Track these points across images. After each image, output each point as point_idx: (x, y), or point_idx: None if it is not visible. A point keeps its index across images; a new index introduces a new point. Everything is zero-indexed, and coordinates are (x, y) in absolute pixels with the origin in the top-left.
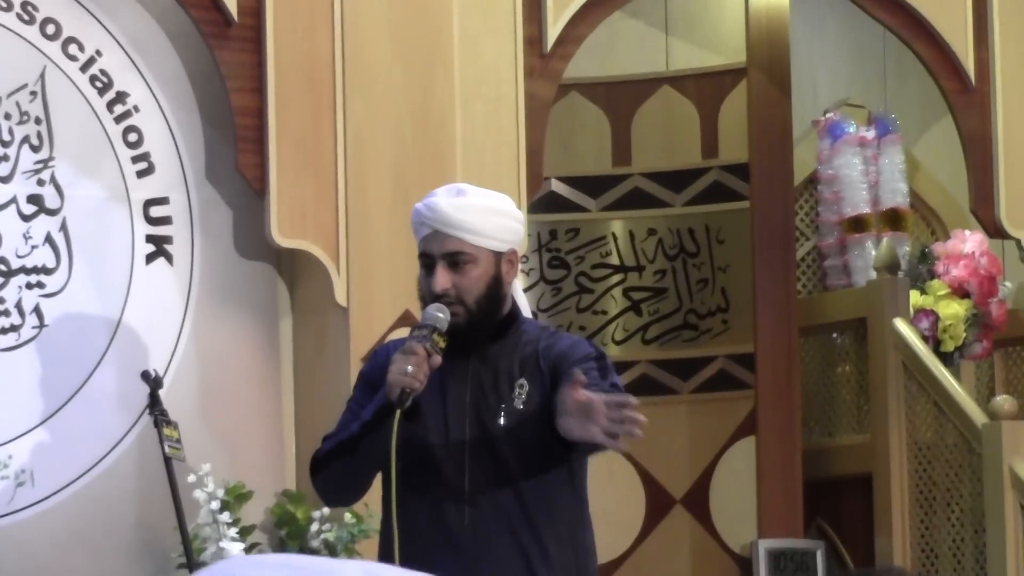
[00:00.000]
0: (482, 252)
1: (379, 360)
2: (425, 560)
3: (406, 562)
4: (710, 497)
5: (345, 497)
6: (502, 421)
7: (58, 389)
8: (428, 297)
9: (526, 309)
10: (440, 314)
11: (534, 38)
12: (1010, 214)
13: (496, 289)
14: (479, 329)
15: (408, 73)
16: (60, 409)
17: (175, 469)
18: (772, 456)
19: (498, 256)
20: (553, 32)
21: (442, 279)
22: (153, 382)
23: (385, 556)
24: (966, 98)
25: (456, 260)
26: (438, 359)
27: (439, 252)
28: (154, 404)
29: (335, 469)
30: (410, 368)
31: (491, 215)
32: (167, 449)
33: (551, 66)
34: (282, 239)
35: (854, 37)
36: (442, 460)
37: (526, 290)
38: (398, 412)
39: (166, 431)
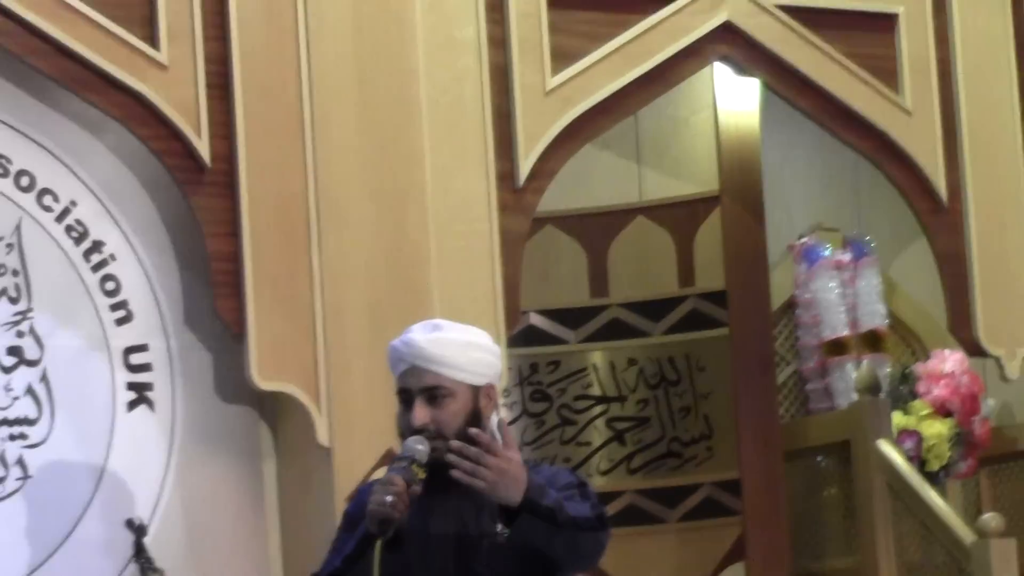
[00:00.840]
0: (460, 386)
1: (362, 499)
2: None
3: None
4: None
5: None
6: (485, 557)
7: (43, 540)
8: (407, 432)
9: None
10: (419, 446)
11: (506, 173)
12: (988, 332)
13: (475, 423)
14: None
15: (381, 210)
16: (46, 560)
17: None
18: None
19: (476, 390)
20: (525, 166)
21: (421, 413)
22: (137, 530)
23: None
24: (939, 218)
25: (434, 394)
26: (417, 489)
27: (417, 387)
28: (139, 552)
29: None
30: (389, 498)
31: (468, 349)
32: None
33: (524, 200)
34: (262, 382)
35: (825, 160)
36: None
37: (510, 423)
38: (379, 542)
39: None
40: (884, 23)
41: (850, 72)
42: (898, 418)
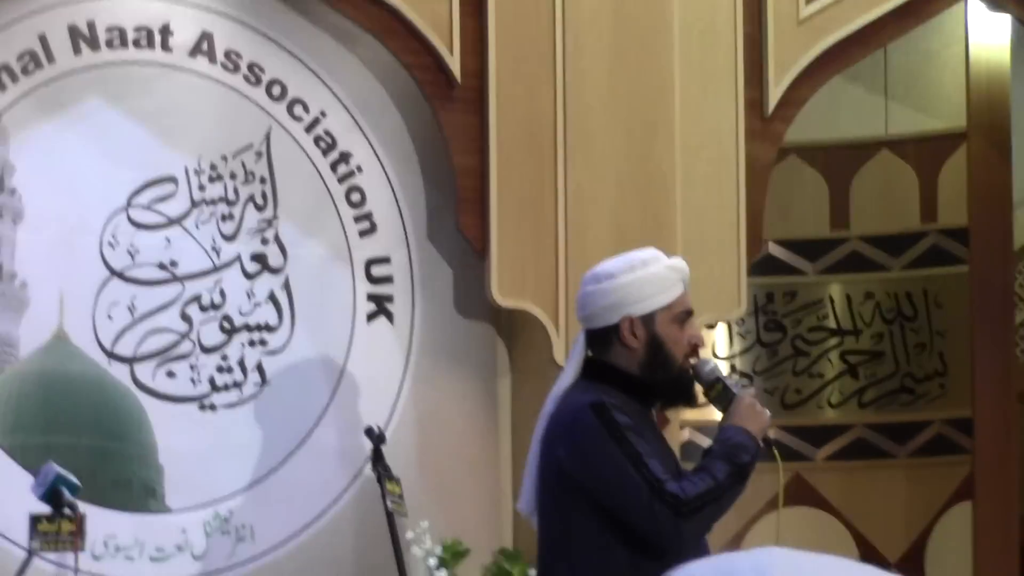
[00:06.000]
0: None
1: (627, 413)
2: None
3: None
4: (925, 561)
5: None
6: None
7: (279, 445)
8: (689, 349)
9: None
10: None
11: (755, 101)
12: None
13: None
14: None
15: (629, 135)
16: (281, 465)
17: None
18: (989, 522)
19: None
20: (775, 95)
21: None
22: (377, 438)
23: None
24: None
25: None
26: None
27: (691, 308)
28: (377, 459)
29: (713, 509)
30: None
31: None
32: (390, 504)
33: (772, 128)
34: (502, 299)
35: None
36: None
37: (743, 352)
38: (777, 454)
39: (389, 486)
40: None
41: None
42: None
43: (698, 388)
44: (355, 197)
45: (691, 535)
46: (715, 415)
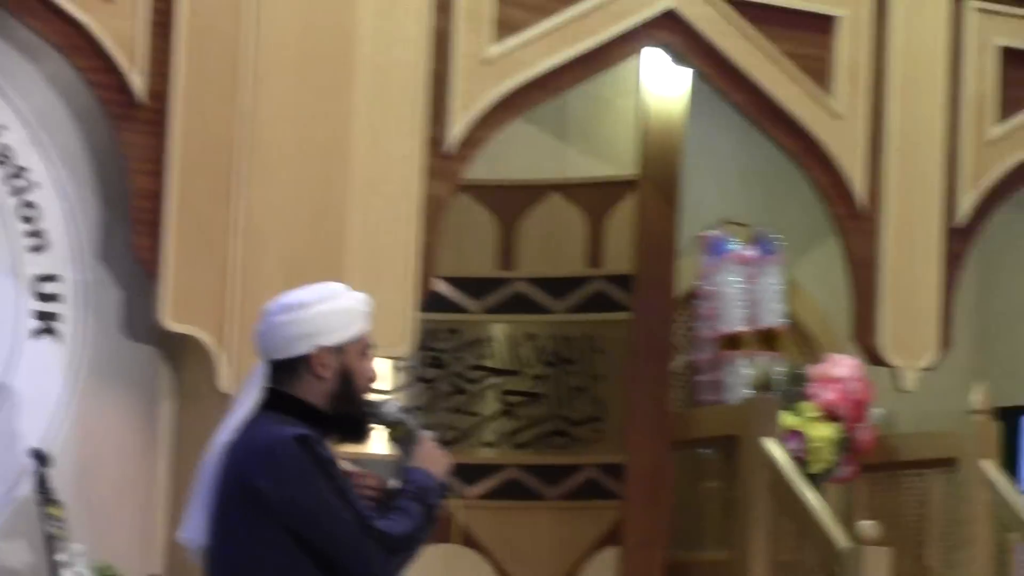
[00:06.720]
0: None
1: (326, 448)
2: None
3: None
4: None
5: None
6: None
7: None
8: (367, 384)
9: None
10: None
11: (436, 138)
12: (890, 342)
13: None
14: None
15: (307, 166)
16: None
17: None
18: (635, 568)
19: None
20: (455, 134)
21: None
22: (42, 459)
23: None
24: (855, 224)
25: None
26: None
27: (373, 344)
28: (42, 482)
29: (414, 550)
30: None
31: None
32: (50, 529)
33: (451, 167)
34: (172, 323)
35: (743, 157)
36: None
37: (403, 388)
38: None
39: (51, 510)
40: (824, 25)
41: (785, 71)
42: (786, 418)
43: (374, 425)
44: (29, 212)
45: (395, 574)
46: (369, 448)
